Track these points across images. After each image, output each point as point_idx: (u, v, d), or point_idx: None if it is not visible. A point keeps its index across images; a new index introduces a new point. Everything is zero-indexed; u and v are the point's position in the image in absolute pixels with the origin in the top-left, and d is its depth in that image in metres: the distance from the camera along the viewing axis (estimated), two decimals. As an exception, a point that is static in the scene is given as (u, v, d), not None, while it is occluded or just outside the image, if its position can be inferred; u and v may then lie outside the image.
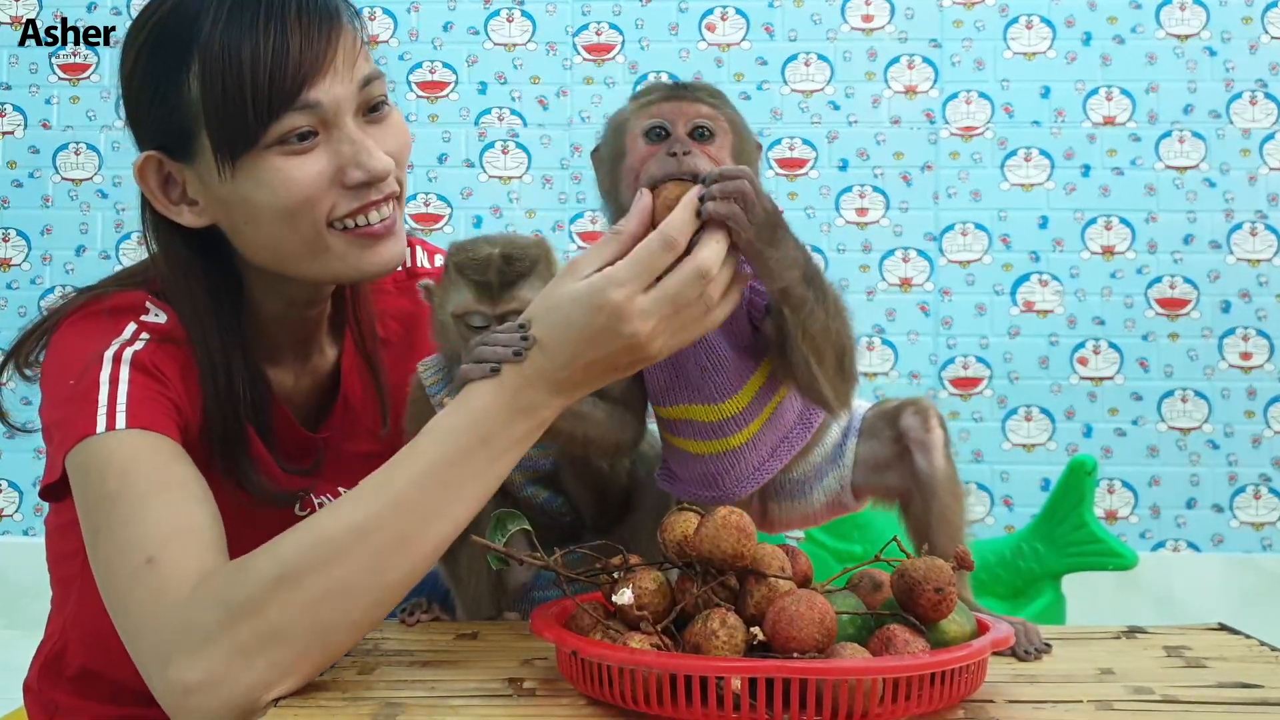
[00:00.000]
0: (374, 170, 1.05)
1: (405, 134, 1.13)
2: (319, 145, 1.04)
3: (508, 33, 3.29)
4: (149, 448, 0.98)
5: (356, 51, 1.06)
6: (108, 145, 3.29)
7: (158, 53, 1.04)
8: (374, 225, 1.08)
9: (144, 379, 1.03)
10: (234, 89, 1.00)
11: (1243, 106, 3.16)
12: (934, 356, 3.18)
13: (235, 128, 1.01)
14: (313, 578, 0.87)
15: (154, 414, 1.01)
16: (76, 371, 1.03)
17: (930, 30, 3.23)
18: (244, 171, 1.02)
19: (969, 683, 0.83)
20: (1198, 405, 3.14)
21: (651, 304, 0.91)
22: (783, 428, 1.08)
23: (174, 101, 1.03)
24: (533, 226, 3.24)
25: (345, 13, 1.07)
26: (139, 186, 1.09)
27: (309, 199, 1.04)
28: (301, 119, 1.02)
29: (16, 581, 3.03)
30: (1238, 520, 3.13)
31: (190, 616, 0.88)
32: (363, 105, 1.07)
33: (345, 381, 1.24)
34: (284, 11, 1.02)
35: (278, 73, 1.00)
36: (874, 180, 3.22)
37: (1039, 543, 2.53)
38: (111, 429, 0.98)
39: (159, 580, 0.90)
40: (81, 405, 1.00)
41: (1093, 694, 0.87)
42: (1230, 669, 0.94)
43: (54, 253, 3.25)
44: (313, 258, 1.07)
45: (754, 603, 0.84)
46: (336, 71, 1.03)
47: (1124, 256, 3.17)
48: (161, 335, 1.07)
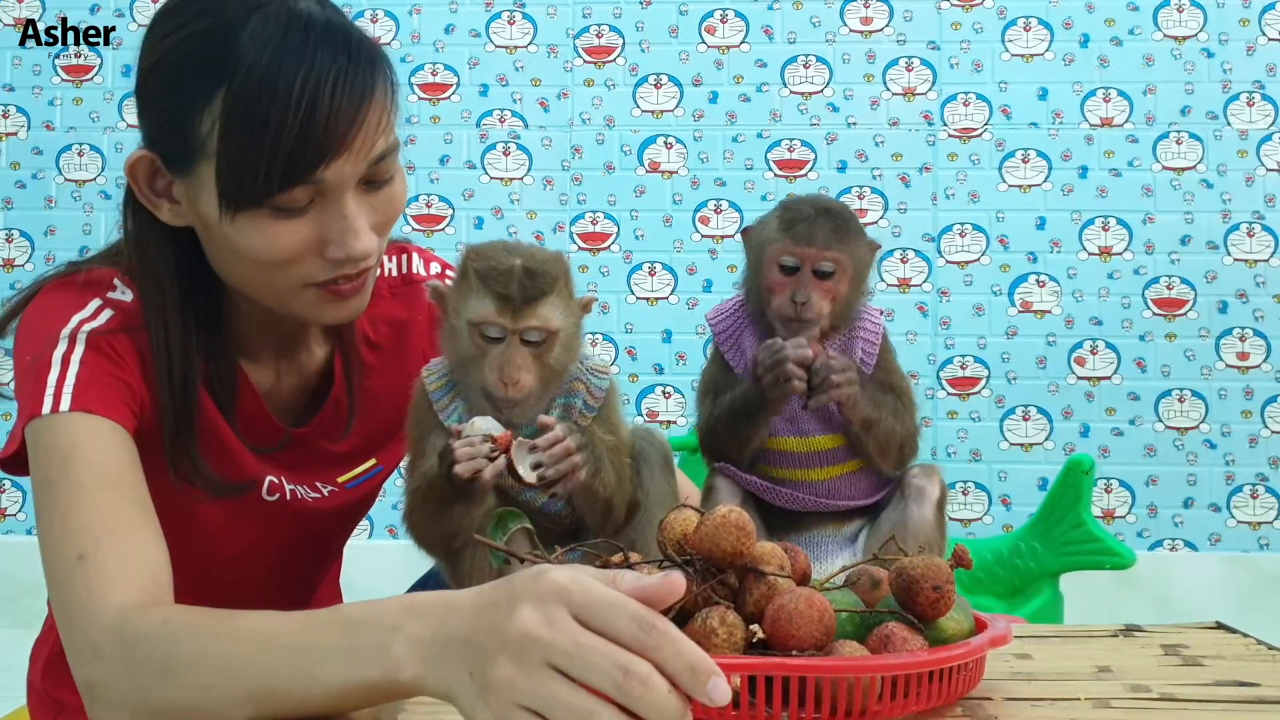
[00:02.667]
0: (354, 252, 1.04)
1: (399, 204, 1.10)
2: (310, 212, 1.02)
3: (509, 35, 3.29)
4: (89, 436, 1.00)
5: (379, 129, 1.02)
6: (110, 146, 3.29)
7: (183, 68, 1.02)
8: (342, 287, 1.07)
9: (97, 359, 1.03)
10: (251, 153, 0.98)
11: (1240, 108, 3.17)
12: (932, 357, 3.19)
13: (242, 187, 0.99)
14: (189, 686, 0.87)
15: (102, 396, 1.02)
16: (36, 347, 1.04)
17: (928, 32, 3.23)
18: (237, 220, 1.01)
19: (967, 680, 0.83)
20: (1195, 405, 3.15)
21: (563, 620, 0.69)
22: (858, 482, 1.24)
23: (187, 127, 1.01)
24: (534, 228, 3.25)
25: (380, 84, 1.02)
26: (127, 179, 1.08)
27: (287, 261, 1.03)
28: (302, 193, 1.00)
29: (18, 580, 3.03)
30: (1235, 519, 3.14)
31: (100, 641, 0.91)
32: (366, 178, 1.04)
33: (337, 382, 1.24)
34: (320, 81, 0.98)
35: (297, 150, 0.98)
36: (872, 181, 3.23)
37: (1037, 542, 2.53)
38: (56, 410, 1.00)
39: (85, 581, 0.94)
40: (34, 383, 1.02)
41: (1090, 692, 0.87)
42: (1227, 667, 0.94)
43: (57, 254, 3.25)
44: (279, 301, 1.09)
45: (753, 601, 0.85)
46: (352, 154, 1.00)
47: (1121, 257, 3.18)
48: (124, 314, 1.08)
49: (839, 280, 1.20)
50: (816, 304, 1.18)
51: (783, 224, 1.21)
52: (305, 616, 0.85)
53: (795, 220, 1.20)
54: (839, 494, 1.23)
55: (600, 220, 3.27)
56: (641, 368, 3.24)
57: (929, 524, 1.20)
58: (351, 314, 1.12)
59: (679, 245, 3.25)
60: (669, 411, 3.24)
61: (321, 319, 1.12)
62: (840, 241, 1.20)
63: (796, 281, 1.19)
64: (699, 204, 3.25)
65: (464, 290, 1.08)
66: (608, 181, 3.26)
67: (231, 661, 0.85)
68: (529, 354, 1.08)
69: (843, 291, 1.20)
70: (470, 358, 1.09)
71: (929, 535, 1.18)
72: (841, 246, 1.20)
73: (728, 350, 1.25)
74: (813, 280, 1.19)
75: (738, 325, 1.25)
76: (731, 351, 1.25)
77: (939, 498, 1.21)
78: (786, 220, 1.21)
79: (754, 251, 1.25)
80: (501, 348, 1.07)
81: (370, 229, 1.05)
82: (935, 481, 1.22)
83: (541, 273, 1.07)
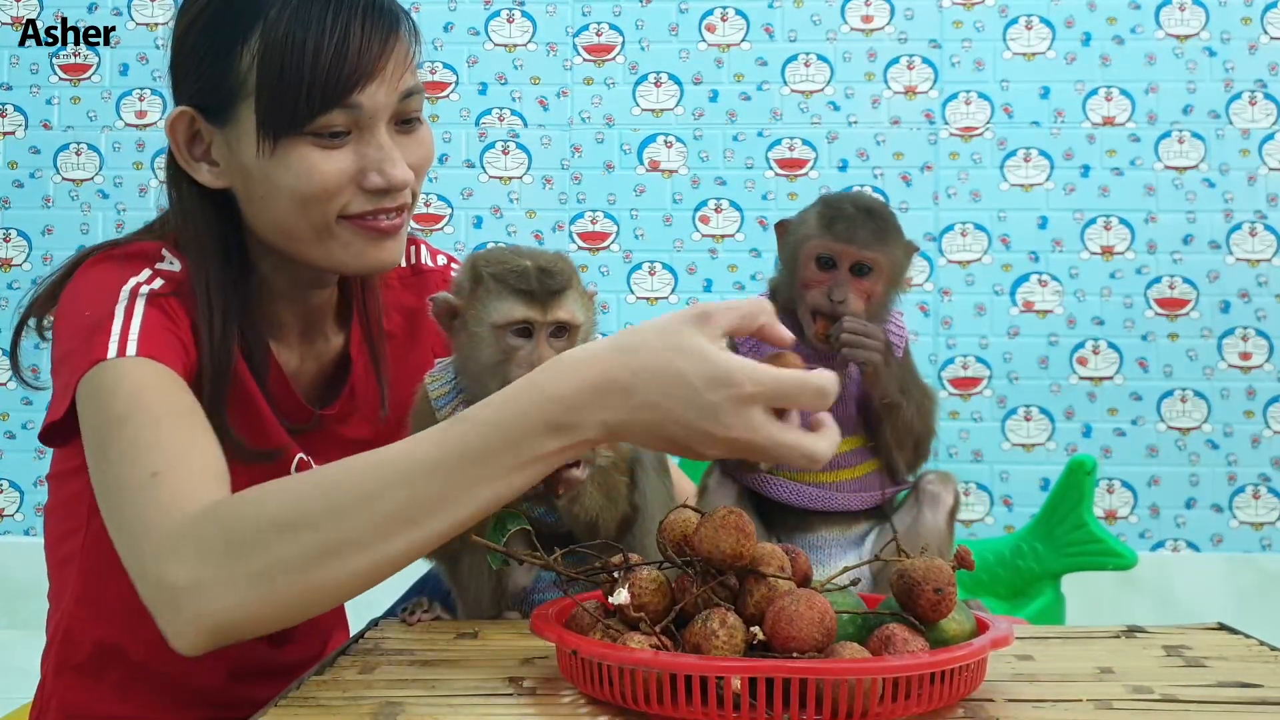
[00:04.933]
0: (394, 179, 1.09)
1: (430, 149, 1.16)
2: (349, 144, 1.08)
3: (508, 33, 3.29)
4: (157, 375, 1.01)
5: (406, 63, 1.09)
6: (109, 146, 3.29)
7: (219, 17, 1.08)
8: (380, 223, 1.11)
9: (158, 314, 1.06)
10: (292, 76, 1.04)
11: (1242, 107, 3.16)
12: (934, 356, 3.18)
13: (283, 112, 1.05)
14: (310, 534, 0.86)
15: (165, 347, 1.03)
16: (93, 304, 1.05)
17: (930, 31, 3.23)
18: (278, 152, 1.06)
19: (968, 682, 0.83)
20: (1197, 405, 3.15)
21: (761, 423, 0.85)
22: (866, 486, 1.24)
23: (224, 68, 1.07)
24: (533, 227, 3.25)
25: (404, 23, 1.10)
26: (166, 138, 1.12)
27: (327, 191, 1.08)
28: (341, 117, 1.06)
29: (17, 581, 3.03)
30: (1237, 520, 3.13)
31: (192, 532, 0.88)
32: (398, 115, 1.11)
33: (355, 368, 1.27)
34: (351, 11, 1.05)
35: (334, 71, 1.04)
36: (874, 181, 3.22)
37: (1038, 542, 2.53)
38: (123, 355, 1.00)
39: (165, 494, 0.91)
40: (95, 334, 1.02)
41: (1092, 693, 0.87)
42: (1230, 668, 0.94)
43: (55, 253, 3.25)
44: (318, 243, 1.11)
45: (754, 602, 0.85)
46: (385, 79, 1.07)
47: (1123, 257, 3.17)
48: (175, 281, 1.10)
49: (875, 280, 1.21)
50: (852, 301, 1.19)
51: (823, 220, 1.22)
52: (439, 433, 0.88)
53: (836, 217, 1.21)
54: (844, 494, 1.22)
55: (600, 219, 3.26)
56: (642, 367, 3.23)
57: (940, 531, 1.21)
58: (389, 258, 1.14)
59: (679, 244, 3.24)
60: (669, 411, 3.23)
61: (361, 262, 1.13)
62: (880, 242, 1.21)
63: (833, 278, 1.20)
64: (699, 203, 3.25)
65: (482, 297, 1.08)
66: (607, 180, 3.26)
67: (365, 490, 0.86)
68: (556, 349, 1.07)
69: (878, 291, 1.21)
70: (496, 363, 1.07)
71: (939, 542, 1.19)
72: (880, 246, 1.21)
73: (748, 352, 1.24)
74: (850, 278, 1.20)
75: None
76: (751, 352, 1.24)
77: (952, 506, 1.22)
78: (827, 217, 1.21)
79: (789, 246, 1.25)
80: (530, 346, 1.07)
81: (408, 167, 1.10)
82: (950, 489, 1.23)
83: (556, 270, 1.08)
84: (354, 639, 1.06)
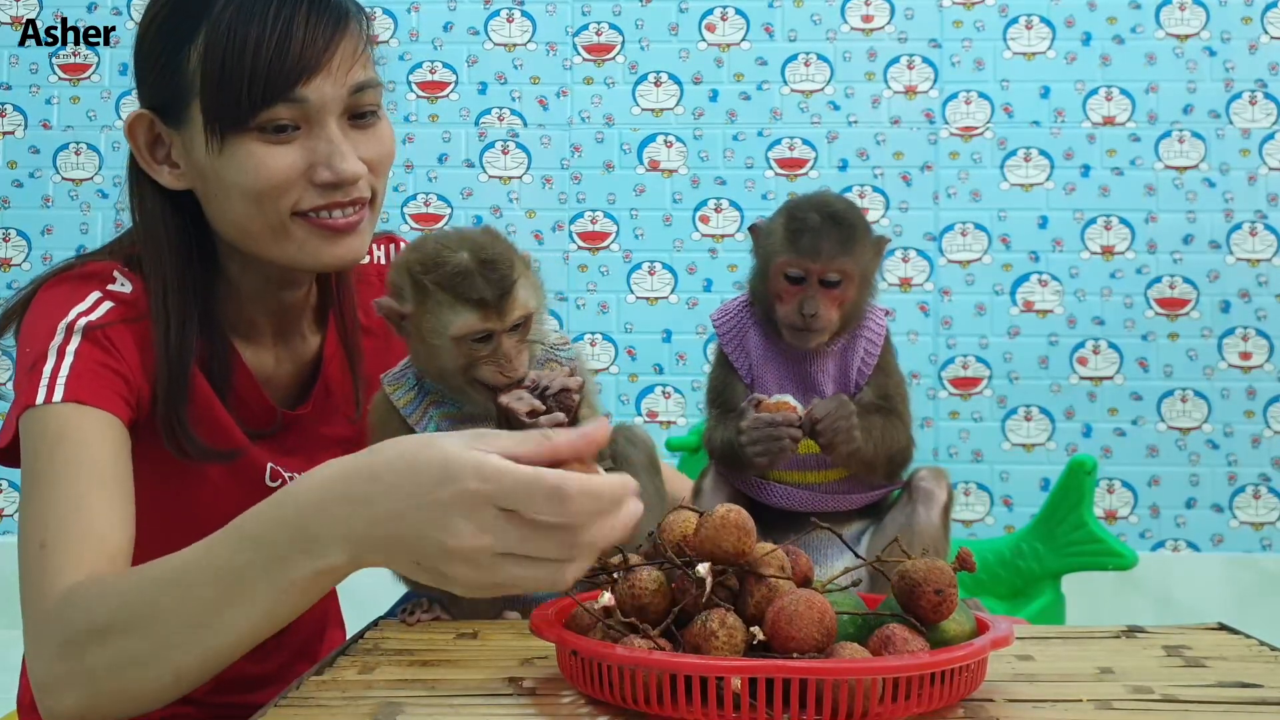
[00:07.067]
0: (343, 173, 1.08)
1: (388, 145, 1.15)
2: (297, 139, 1.08)
3: (508, 33, 3.29)
4: (77, 425, 1.01)
5: (355, 57, 1.09)
6: (108, 145, 3.29)
7: (172, 18, 1.09)
8: (335, 220, 1.11)
9: (92, 350, 1.05)
10: (234, 70, 1.04)
11: (1242, 106, 3.16)
12: (934, 356, 3.18)
13: (227, 107, 1.05)
14: (120, 639, 0.88)
15: (94, 387, 1.03)
16: (34, 339, 1.07)
17: (930, 30, 3.23)
18: (226, 149, 1.06)
19: (969, 682, 0.83)
20: (1197, 405, 3.15)
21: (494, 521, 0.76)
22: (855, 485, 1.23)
23: (175, 68, 1.07)
24: (532, 227, 3.24)
25: (355, 17, 1.10)
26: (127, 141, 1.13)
27: (275, 187, 1.07)
28: (286, 111, 1.06)
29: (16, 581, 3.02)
30: (1237, 520, 3.13)
31: (47, 626, 0.92)
32: (350, 109, 1.10)
33: (326, 367, 1.26)
34: (295, 6, 1.05)
35: (276, 64, 1.04)
36: (874, 180, 3.22)
37: (1039, 542, 2.53)
38: (49, 401, 1.01)
39: (40, 571, 0.95)
40: (31, 373, 1.04)
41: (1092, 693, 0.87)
42: (1230, 668, 0.94)
43: (54, 253, 3.25)
44: (274, 242, 1.11)
45: (754, 602, 0.84)
46: (331, 73, 1.07)
47: (1124, 256, 3.17)
48: (123, 305, 1.10)
49: (846, 288, 1.20)
50: (824, 315, 1.18)
51: (788, 234, 1.20)
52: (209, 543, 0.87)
53: (800, 230, 1.19)
54: (835, 495, 1.22)
55: (600, 219, 3.26)
56: (641, 368, 3.24)
57: (934, 528, 1.20)
58: (348, 255, 1.13)
59: (679, 244, 3.24)
60: (669, 412, 3.23)
61: (318, 260, 1.13)
62: (846, 252, 1.19)
63: (804, 291, 1.19)
64: (699, 203, 3.25)
65: (430, 308, 1.07)
66: (607, 180, 3.25)
67: (156, 602, 0.87)
68: (516, 340, 1.09)
69: (850, 297, 1.20)
70: (461, 368, 1.09)
71: (934, 539, 1.19)
72: (847, 257, 1.19)
73: (731, 351, 1.24)
74: (820, 290, 1.19)
75: (741, 325, 1.25)
76: (736, 353, 1.24)
77: (946, 502, 1.22)
78: (792, 230, 1.19)
79: (760, 254, 1.24)
80: (492, 346, 1.08)
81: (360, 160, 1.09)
82: (943, 486, 1.22)
83: (498, 259, 1.07)
84: (354, 639, 1.06)
